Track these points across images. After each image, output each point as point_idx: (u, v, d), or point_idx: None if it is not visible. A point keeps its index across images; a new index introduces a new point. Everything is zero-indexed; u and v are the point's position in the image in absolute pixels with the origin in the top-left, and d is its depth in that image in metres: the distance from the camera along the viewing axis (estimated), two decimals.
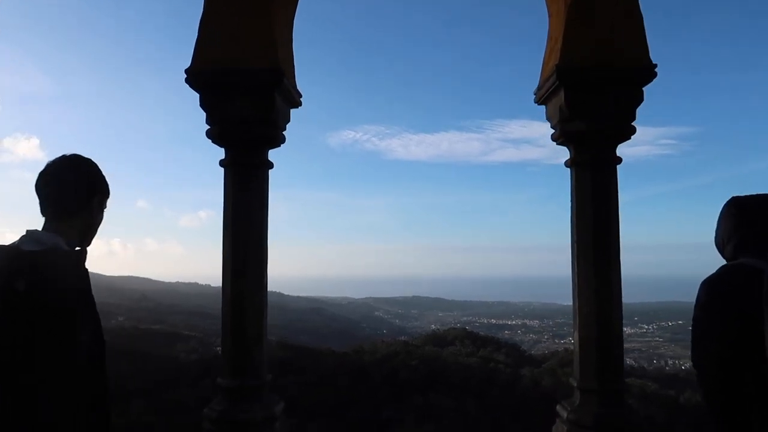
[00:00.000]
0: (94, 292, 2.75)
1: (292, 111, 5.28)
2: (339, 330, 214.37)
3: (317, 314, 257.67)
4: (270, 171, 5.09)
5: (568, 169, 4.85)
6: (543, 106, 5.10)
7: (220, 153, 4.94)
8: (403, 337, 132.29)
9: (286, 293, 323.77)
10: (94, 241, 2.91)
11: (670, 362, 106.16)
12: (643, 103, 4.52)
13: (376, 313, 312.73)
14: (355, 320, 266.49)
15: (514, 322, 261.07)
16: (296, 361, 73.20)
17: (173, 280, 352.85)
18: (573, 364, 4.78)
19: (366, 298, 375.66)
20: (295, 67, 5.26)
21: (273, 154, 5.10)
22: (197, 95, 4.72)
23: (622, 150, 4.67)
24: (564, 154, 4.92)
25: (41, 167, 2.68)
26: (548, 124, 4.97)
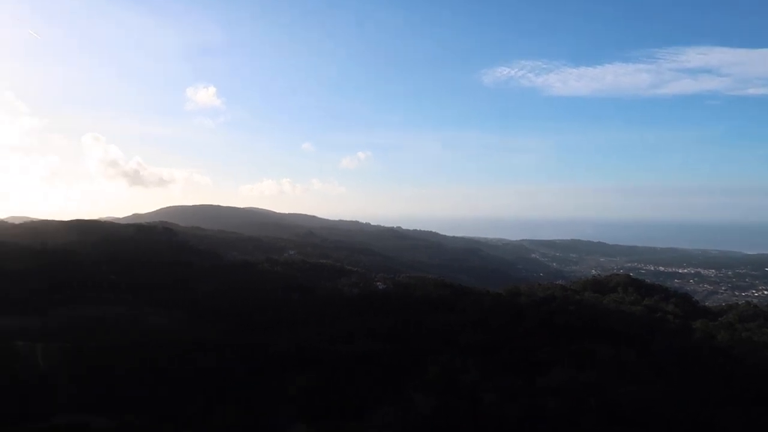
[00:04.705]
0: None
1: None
2: (494, 270, 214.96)
3: (474, 254, 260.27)
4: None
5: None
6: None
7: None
8: (560, 281, 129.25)
9: (442, 233, 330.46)
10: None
11: None
12: None
13: (533, 255, 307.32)
14: (511, 261, 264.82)
15: (685, 271, 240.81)
16: (453, 300, 75.19)
17: (336, 218, 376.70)
18: None
19: (522, 240, 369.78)
20: None
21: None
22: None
23: None
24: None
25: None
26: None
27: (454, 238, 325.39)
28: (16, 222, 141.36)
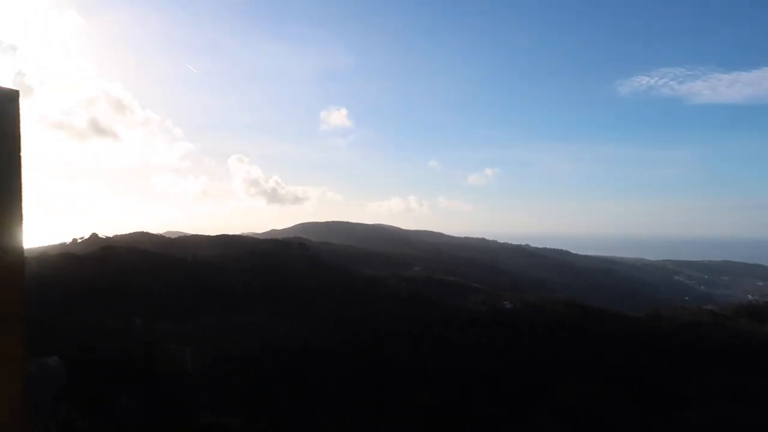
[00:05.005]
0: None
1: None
2: (632, 292, 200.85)
3: (609, 275, 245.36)
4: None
5: None
6: None
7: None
8: (709, 306, 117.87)
9: (573, 251, 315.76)
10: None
11: None
12: None
13: (676, 277, 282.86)
14: (651, 283, 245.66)
15: None
16: (585, 322, 71.48)
17: (462, 235, 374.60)
18: None
19: (664, 260, 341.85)
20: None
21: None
22: None
23: None
24: None
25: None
26: None
27: (586, 257, 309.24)
28: (172, 236, 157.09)
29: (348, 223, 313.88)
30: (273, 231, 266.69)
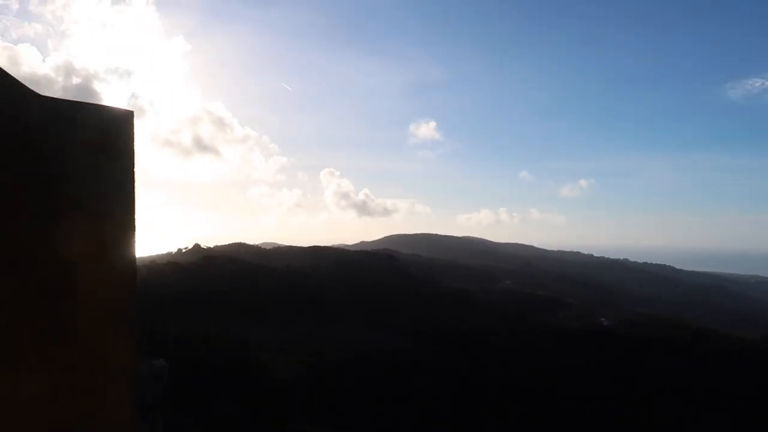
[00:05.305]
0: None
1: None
2: (747, 312, 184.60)
3: (719, 292, 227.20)
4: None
5: None
6: None
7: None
8: None
9: (677, 267, 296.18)
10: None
11: None
12: None
13: None
14: None
15: None
16: (691, 343, 66.70)
17: (555, 248, 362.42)
18: None
19: None
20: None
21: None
22: None
23: None
24: None
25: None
26: None
27: (693, 272, 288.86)
28: (267, 247, 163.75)
29: (436, 235, 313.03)
30: (362, 243, 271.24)
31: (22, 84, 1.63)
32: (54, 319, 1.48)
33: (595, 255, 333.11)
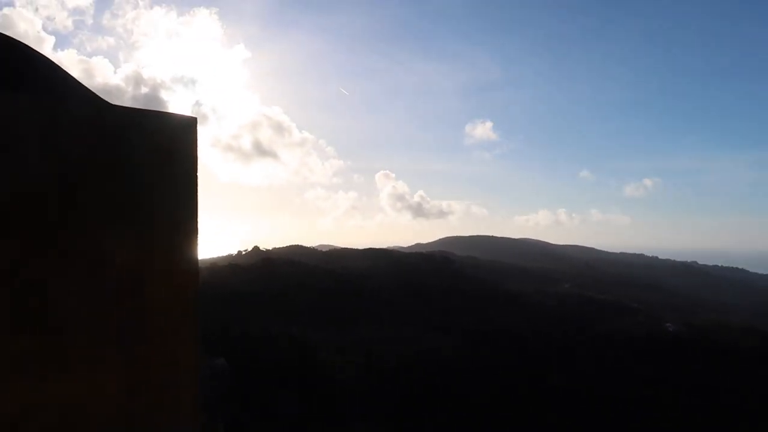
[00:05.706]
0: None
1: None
2: None
3: None
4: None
5: None
6: None
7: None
8: None
9: (752, 270, 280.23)
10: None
11: None
12: None
13: None
14: None
15: None
16: (763, 349, 63.08)
17: (617, 250, 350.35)
18: None
19: None
20: None
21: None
22: None
23: None
24: None
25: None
26: None
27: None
28: (324, 249, 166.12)
29: (493, 237, 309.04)
30: (418, 245, 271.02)
31: (97, 95, 1.72)
32: (129, 319, 1.56)
33: (660, 257, 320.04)
